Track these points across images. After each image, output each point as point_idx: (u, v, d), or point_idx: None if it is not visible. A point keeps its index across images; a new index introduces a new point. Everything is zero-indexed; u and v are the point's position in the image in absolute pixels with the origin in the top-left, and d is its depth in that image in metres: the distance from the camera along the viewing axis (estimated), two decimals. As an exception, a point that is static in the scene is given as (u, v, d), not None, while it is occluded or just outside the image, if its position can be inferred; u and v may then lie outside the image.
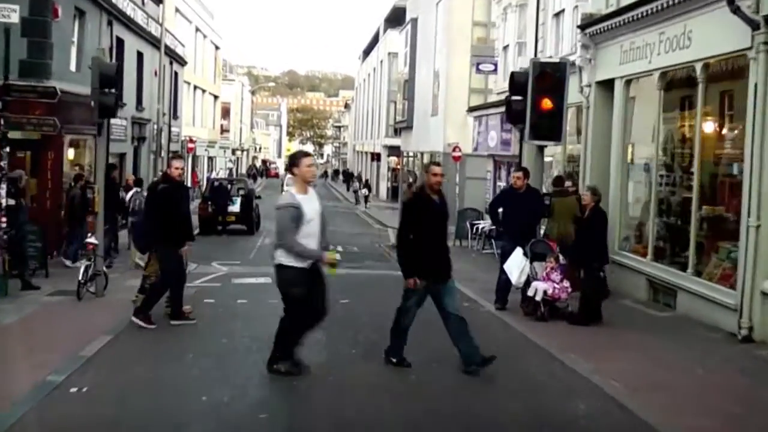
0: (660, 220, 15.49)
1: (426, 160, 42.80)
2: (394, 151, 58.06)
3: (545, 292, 13.35)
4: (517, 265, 13.86)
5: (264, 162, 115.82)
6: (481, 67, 28.74)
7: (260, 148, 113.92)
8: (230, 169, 63.36)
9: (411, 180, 45.91)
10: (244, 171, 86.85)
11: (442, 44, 39.14)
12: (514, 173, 14.84)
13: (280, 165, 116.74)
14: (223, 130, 71.14)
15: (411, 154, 48.46)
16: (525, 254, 13.91)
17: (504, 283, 14.43)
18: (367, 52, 79.11)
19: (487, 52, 34.36)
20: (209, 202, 30.33)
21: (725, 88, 13.93)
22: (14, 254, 15.13)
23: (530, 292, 13.58)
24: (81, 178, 20.79)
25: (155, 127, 31.82)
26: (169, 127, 36.73)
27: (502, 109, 25.55)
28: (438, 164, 10.95)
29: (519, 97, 15.01)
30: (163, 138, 35.34)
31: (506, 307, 14.39)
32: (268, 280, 17.51)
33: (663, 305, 14.74)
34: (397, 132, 58.36)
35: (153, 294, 12.27)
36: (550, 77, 14.49)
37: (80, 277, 14.49)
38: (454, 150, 36.69)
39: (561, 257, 13.89)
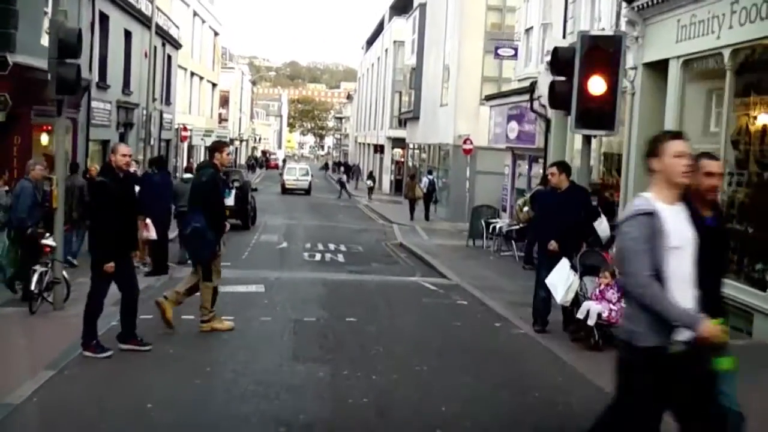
0: (730, 227, 12.91)
1: (435, 152, 40.21)
2: (398, 143, 55.42)
3: (599, 315, 10.78)
4: (563, 280, 11.30)
5: (264, 153, 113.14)
6: (500, 51, 26.17)
7: (260, 139, 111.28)
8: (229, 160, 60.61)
9: (414, 173, 43.41)
10: (243, 162, 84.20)
11: (453, 30, 36.51)
12: (549, 169, 12.23)
13: (280, 156, 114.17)
14: (222, 120, 68.49)
15: (416, 146, 45.85)
16: (573, 267, 11.36)
17: (544, 300, 11.89)
18: (370, 41, 76.44)
19: (503, 36, 31.79)
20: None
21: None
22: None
23: (580, 314, 11.01)
24: (77, 169, 18.57)
25: (144, 112, 29.21)
26: (161, 113, 34.14)
27: (525, 96, 23.05)
28: (714, 157, 6.00)
29: (563, 78, 12.33)
30: (154, 125, 32.76)
31: (547, 329, 11.85)
32: (261, 289, 15.01)
33: (734, 330, 12.17)
34: (401, 123, 55.75)
35: (87, 318, 9.63)
36: (602, 53, 11.79)
37: (33, 287, 11.93)
38: (465, 142, 34.19)
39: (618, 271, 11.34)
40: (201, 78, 55.44)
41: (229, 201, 27.23)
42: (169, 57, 35.98)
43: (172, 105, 36.98)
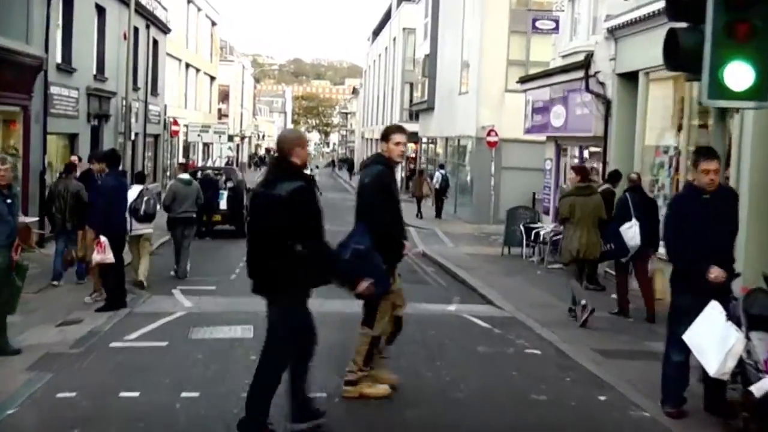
0: None
1: (453, 146, 35.89)
2: (409, 137, 51.03)
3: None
4: (716, 339, 6.97)
5: (268, 150, 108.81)
6: (538, 24, 21.89)
7: (263, 136, 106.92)
8: (229, 158, 56.35)
9: (421, 169, 39.12)
10: (245, 159, 79.92)
11: (474, 9, 32.13)
12: (703, 162, 7.70)
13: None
14: (222, 115, 64.22)
15: (430, 139, 41.50)
16: (728, 316, 7.06)
17: (679, 367, 7.60)
18: (376, 32, 72.02)
19: (530, 13, 27.47)
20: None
21: None
22: None
23: (757, 392, 6.68)
24: (73, 168, 15.01)
25: (123, 102, 24.92)
26: (146, 104, 29.84)
27: (575, 74, 18.75)
28: None
29: (686, 24, 7.81)
30: (138, 117, 28.48)
31: (684, 408, 7.56)
32: (248, 333, 10.72)
33: None
34: (412, 116, 51.38)
35: None
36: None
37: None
38: (488, 134, 29.94)
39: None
40: (197, 70, 51.17)
41: (221, 204, 23.28)
42: (155, 41, 31.64)
43: (160, 96, 32.67)
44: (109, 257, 12.13)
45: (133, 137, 25.60)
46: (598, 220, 12.13)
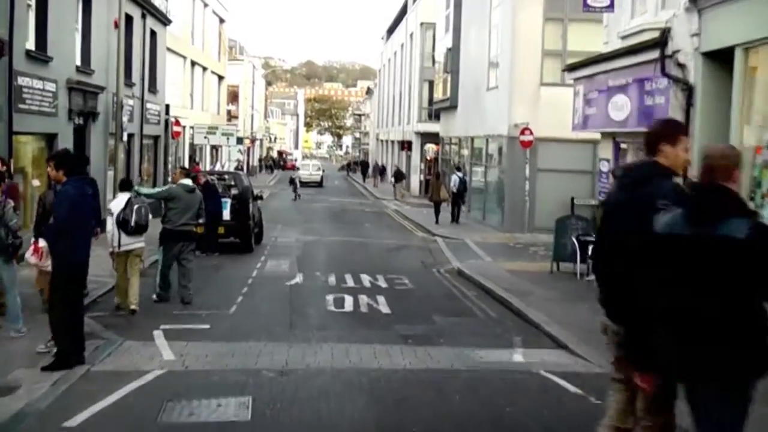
0: None
1: (480, 146, 32.56)
2: (429, 138, 47.75)
3: None
4: None
5: (280, 153, 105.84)
6: (589, 1, 18.50)
7: (275, 139, 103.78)
8: (239, 161, 53.20)
9: (438, 172, 35.95)
10: (256, 163, 76.78)
11: (504, -5, 28.89)
12: None
13: (298, 156, 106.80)
14: (231, 117, 61.07)
15: (453, 140, 38.19)
16: None
17: None
18: (391, 29, 68.72)
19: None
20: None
21: None
22: None
23: None
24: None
25: (114, 99, 21.75)
26: (142, 102, 26.65)
27: (646, 57, 15.46)
28: None
29: None
30: (133, 116, 25.29)
31: None
32: (245, 411, 7.45)
33: None
34: (431, 116, 48.15)
35: None
36: None
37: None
38: (522, 133, 26.67)
39: None
40: (204, 68, 48.00)
41: (224, 215, 20.10)
42: (153, 33, 28.43)
43: (160, 93, 29.49)
44: (46, 265, 9.27)
45: (125, 138, 22.39)
46: None
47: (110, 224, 12.92)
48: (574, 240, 17.68)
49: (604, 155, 18.47)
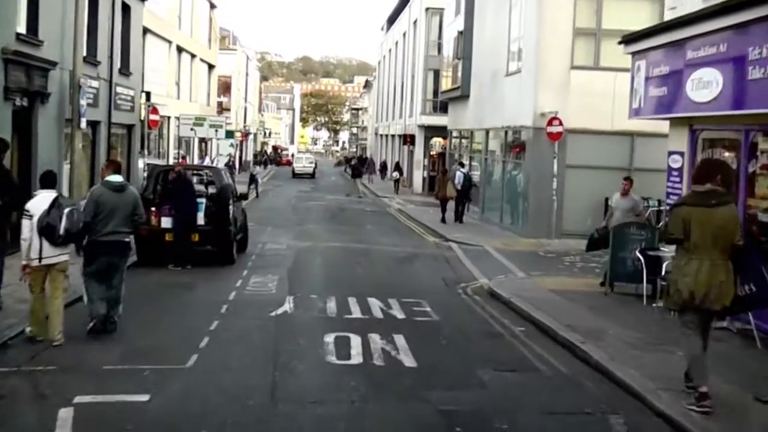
0: None
1: (496, 139, 28.59)
2: (433, 131, 43.76)
3: None
4: None
5: (275, 148, 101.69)
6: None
7: (270, 133, 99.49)
8: (230, 156, 49.09)
9: (445, 168, 32.29)
10: (250, 158, 72.66)
11: (527, -33, 24.90)
12: None
13: (293, 151, 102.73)
14: (223, 109, 56.99)
15: (464, 133, 34.16)
16: None
17: None
18: (392, 19, 64.57)
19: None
20: (160, 208, 16.35)
21: None
22: None
23: None
24: None
25: (71, 78, 17.75)
26: (110, 84, 22.61)
27: (752, 14, 11.56)
28: None
29: None
30: (98, 100, 21.29)
31: None
32: None
33: None
34: (437, 108, 44.18)
35: None
36: None
37: None
38: (550, 123, 22.77)
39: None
40: (193, 56, 43.96)
41: (199, 218, 16.13)
42: (126, 6, 24.32)
43: (134, 77, 25.39)
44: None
45: (83, 125, 18.35)
46: (730, 245, 7.69)
47: (27, 230, 9.27)
48: (638, 255, 13.74)
49: (676, 147, 14.47)
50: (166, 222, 16.16)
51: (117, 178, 10.41)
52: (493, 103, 28.19)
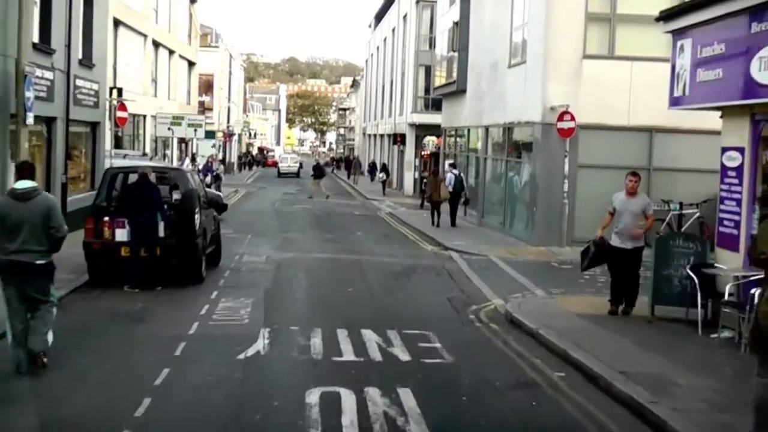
0: None
1: (497, 136, 26.04)
2: (426, 130, 41.15)
3: None
4: None
5: (261, 149, 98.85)
6: None
7: (255, 134, 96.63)
8: (211, 157, 46.31)
9: (436, 169, 30.01)
10: (234, 159, 69.86)
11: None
12: None
13: (280, 152, 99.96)
14: (205, 108, 54.27)
15: (459, 131, 31.57)
16: None
17: None
18: (380, 16, 61.85)
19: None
20: (114, 218, 13.70)
21: None
22: None
23: None
24: None
25: (16, 66, 15.07)
26: (68, 76, 19.89)
27: None
28: None
29: None
30: (53, 94, 18.60)
31: None
32: None
33: None
34: (429, 106, 41.65)
35: None
36: None
37: None
38: (560, 118, 20.27)
39: None
40: (171, 52, 41.19)
41: (159, 229, 13.47)
42: (87, -12, 21.66)
43: (98, 69, 22.61)
44: None
45: (30, 120, 15.63)
46: None
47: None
48: (690, 272, 11.19)
49: (732, 142, 11.92)
50: (121, 234, 13.52)
51: (25, 185, 7.89)
52: (493, 97, 25.62)
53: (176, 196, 14.12)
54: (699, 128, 20.62)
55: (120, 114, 23.71)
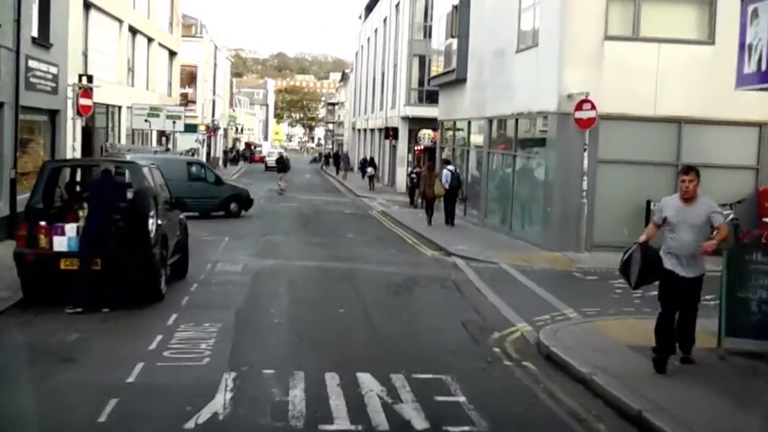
0: None
1: (501, 129, 23.45)
2: (420, 124, 38.46)
3: None
4: None
5: (248, 145, 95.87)
6: None
7: (242, 129, 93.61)
8: (193, 150, 43.55)
9: (431, 164, 27.63)
10: (219, 154, 67.05)
11: None
12: None
13: (268, 147, 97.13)
14: (188, 101, 51.40)
15: (458, 124, 28.92)
16: None
17: None
18: (370, 6, 59.08)
19: None
20: (54, 223, 11.03)
21: None
22: None
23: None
24: None
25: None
26: (18, 56, 17.12)
27: None
28: None
29: None
30: (1, 73, 15.88)
31: None
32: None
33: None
34: (423, 98, 39.07)
35: None
36: None
37: None
38: (579, 107, 17.74)
39: None
40: (150, 39, 38.35)
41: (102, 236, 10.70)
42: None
43: (56, 50, 19.77)
44: None
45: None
46: None
47: None
48: (777, 296, 8.62)
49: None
50: (60, 243, 10.84)
51: None
52: (498, 86, 22.99)
53: (128, 195, 11.41)
54: (735, 119, 18.19)
55: (83, 102, 20.95)
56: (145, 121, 32.91)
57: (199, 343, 9.06)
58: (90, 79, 22.50)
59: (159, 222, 11.37)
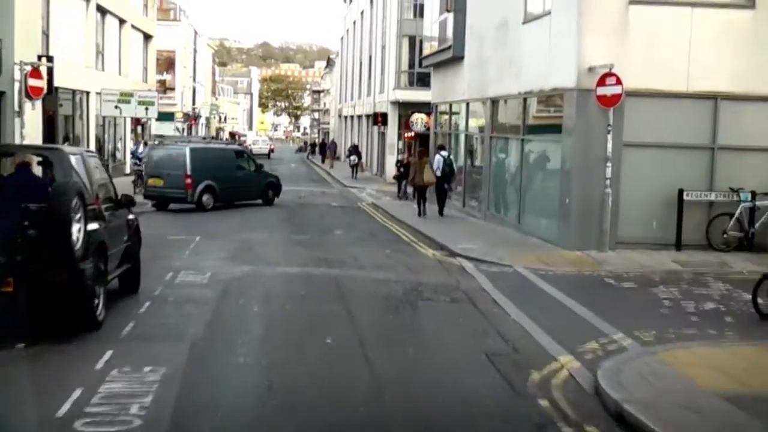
0: None
1: (509, 109, 20.79)
2: (411, 108, 35.75)
3: None
4: None
5: (232, 134, 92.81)
6: None
7: (225, 118, 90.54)
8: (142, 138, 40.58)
9: (422, 150, 25.13)
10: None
11: None
12: None
13: (252, 136, 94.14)
14: (167, 88, 48.58)
15: (455, 107, 26.22)
16: None
17: None
18: (356, -11, 56.26)
19: None
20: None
21: None
22: None
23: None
24: None
25: None
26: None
27: None
28: None
29: None
30: None
31: None
32: None
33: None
34: (414, 82, 36.44)
35: None
36: None
37: None
38: (601, 82, 15.07)
39: None
40: (122, 21, 35.48)
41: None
42: None
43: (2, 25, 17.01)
44: None
45: None
46: None
47: None
48: None
49: None
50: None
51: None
52: (501, 63, 20.33)
53: (41, 195, 8.65)
54: (781, 95, 15.74)
55: (33, 83, 18.21)
56: (116, 107, 30.05)
57: (131, 402, 6.37)
58: (50, 59, 19.77)
59: (92, 227, 8.64)
